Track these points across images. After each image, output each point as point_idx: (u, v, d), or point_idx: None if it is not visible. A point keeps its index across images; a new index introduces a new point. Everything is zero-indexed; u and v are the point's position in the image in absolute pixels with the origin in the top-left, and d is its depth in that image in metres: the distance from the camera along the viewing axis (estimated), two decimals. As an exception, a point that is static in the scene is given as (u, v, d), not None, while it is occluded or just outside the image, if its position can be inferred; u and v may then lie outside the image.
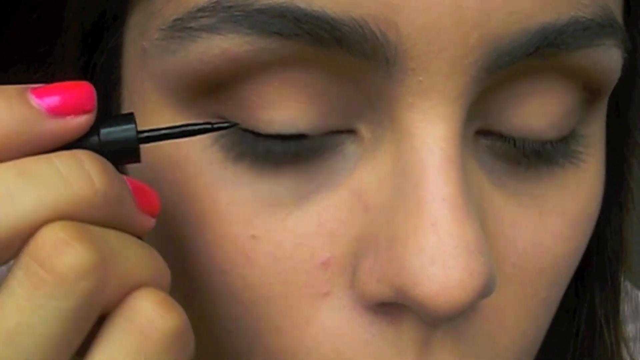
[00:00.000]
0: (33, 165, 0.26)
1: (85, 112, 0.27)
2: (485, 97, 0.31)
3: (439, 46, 0.28)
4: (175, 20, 0.30)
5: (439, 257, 0.28)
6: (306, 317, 0.31)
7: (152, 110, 0.32)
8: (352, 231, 0.30)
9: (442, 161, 0.29)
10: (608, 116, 0.37)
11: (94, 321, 0.26)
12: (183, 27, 0.29)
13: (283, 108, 0.29)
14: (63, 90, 0.27)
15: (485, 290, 0.29)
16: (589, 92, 0.33)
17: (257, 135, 0.30)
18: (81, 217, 0.26)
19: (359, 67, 0.29)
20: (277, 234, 0.30)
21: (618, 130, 0.38)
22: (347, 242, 0.30)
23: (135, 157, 0.29)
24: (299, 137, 0.30)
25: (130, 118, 0.29)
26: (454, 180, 0.29)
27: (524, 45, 0.29)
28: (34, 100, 0.26)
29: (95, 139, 0.28)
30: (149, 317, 0.27)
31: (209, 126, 0.30)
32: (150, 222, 0.29)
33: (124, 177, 0.29)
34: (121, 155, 0.28)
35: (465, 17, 0.28)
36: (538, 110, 0.32)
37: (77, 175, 0.26)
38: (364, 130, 0.31)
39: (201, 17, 0.29)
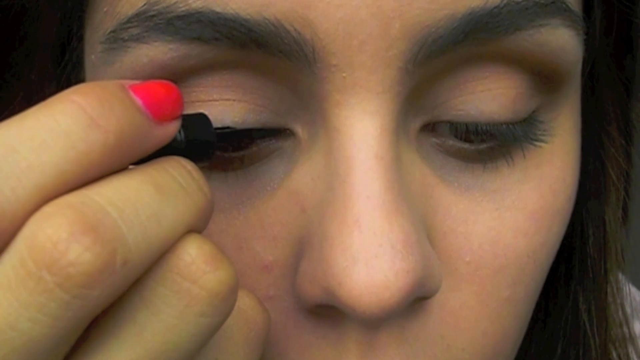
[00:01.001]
0: (160, 178, 0.25)
1: (177, 117, 0.27)
2: (424, 90, 0.30)
3: (359, 40, 0.28)
4: (110, 32, 0.30)
5: (362, 256, 0.27)
6: None
7: None
8: (292, 233, 0.30)
9: (369, 158, 0.28)
10: (583, 101, 0.35)
11: None
12: (116, 39, 0.30)
13: (210, 106, 0.29)
14: (161, 94, 0.26)
15: (419, 290, 0.28)
16: (542, 75, 0.31)
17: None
18: (200, 228, 0.26)
19: (283, 66, 0.29)
20: (220, 239, 0.30)
21: (594, 116, 0.37)
22: (288, 245, 0.30)
23: (209, 158, 0.29)
24: (236, 139, 0.30)
25: (205, 119, 0.29)
26: (381, 177, 0.28)
27: (452, 32, 0.28)
28: (140, 104, 0.25)
29: (178, 142, 0.27)
30: (253, 313, 0.27)
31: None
32: None
33: None
34: (199, 156, 0.28)
35: (385, 8, 0.27)
36: (486, 95, 0.30)
37: (195, 187, 0.26)
38: (300, 130, 0.30)
39: (129, 27, 0.29)
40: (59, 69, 0.36)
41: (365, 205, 0.28)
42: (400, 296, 0.27)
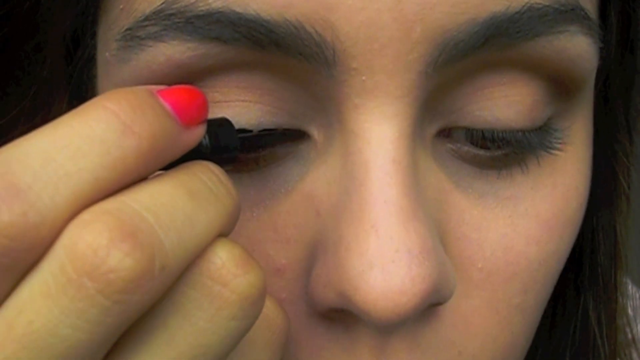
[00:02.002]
0: (191, 183, 0.25)
1: (203, 121, 0.27)
2: (442, 95, 0.30)
3: (380, 43, 0.27)
4: (126, 30, 0.30)
5: (379, 261, 0.27)
6: None
7: None
8: (306, 236, 0.30)
9: (386, 162, 0.28)
10: (596, 110, 0.35)
11: None
12: (132, 37, 0.30)
13: (227, 107, 0.29)
14: (188, 99, 0.26)
15: (434, 296, 0.28)
16: (559, 82, 0.31)
17: None
18: (229, 231, 0.26)
19: (302, 68, 0.28)
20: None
21: (606, 124, 0.37)
22: (302, 248, 0.30)
23: (232, 160, 0.29)
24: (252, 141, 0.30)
25: (228, 123, 0.29)
26: (399, 182, 0.28)
27: (473, 37, 0.28)
28: (169, 109, 0.25)
29: (203, 146, 0.27)
30: (274, 315, 0.27)
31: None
32: None
33: None
34: (223, 160, 0.28)
35: (406, 11, 0.27)
36: (504, 101, 0.30)
37: (224, 191, 0.26)
38: (316, 133, 0.30)
39: (147, 25, 0.29)
40: (71, 66, 0.36)
41: (382, 210, 0.27)
42: (416, 302, 0.27)
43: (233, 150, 0.28)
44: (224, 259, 0.24)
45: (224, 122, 0.28)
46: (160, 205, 0.24)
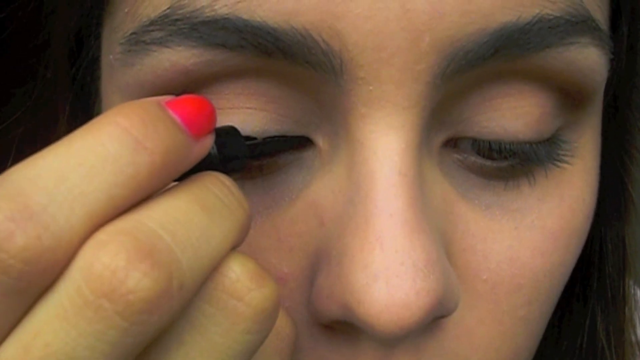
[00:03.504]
0: (204, 197, 0.25)
1: (211, 131, 0.26)
2: (450, 105, 0.29)
3: (388, 53, 0.27)
4: (131, 34, 0.30)
5: (383, 274, 0.27)
6: None
7: None
8: (309, 245, 0.30)
9: (392, 174, 0.28)
10: (605, 121, 0.34)
11: None
12: (137, 41, 0.29)
13: (232, 113, 0.29)
14: (196, 110, 0.26)
15: (438, 309, 0.28)
16: (568, 94, 0.31)
17: None
18: (241, 243, 0.26)
19: (309, 77, 0.28)
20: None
21: (616, 136, 0.36)
22: (305, 257, 0.30)
23: (241, 169, 0.28)
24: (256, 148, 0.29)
25: (236, 132, 0.28)
26: (405, 194, 0.27)
27: (482, 47, 0.27)
28: (179, 122, 0.25)
29: (213, 157, 0.27)
30: (282, 324, 0.27)
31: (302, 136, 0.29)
32: None
33: None
34: (232, 169, 0.28)
35: (415, 21, 0.27)
36: (512, 112, 0.30)
37: (236, 204, 0.25)
38: (321, 141, 0.30)
39: (152, 30, 0.29)
40: (74, 67, 0.36)
41: (387, 223, 0.27)
42: (420, 315, 0.27)
43: (242, 158, 0.28)
44: (238, 273, 0.24)
45: (231, 131, 0.28)
46: (175, 222, 0.23)
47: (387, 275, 0.27)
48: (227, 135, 0.28)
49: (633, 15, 0.34)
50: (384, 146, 0.28)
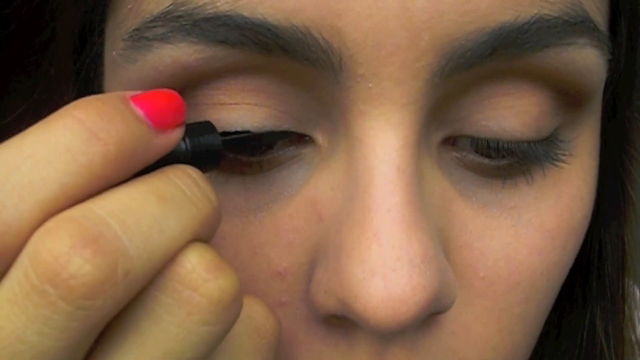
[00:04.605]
0: (163, 187, 0.25)
1: (180, 125, 0.27)
2: (448, 103, 0.30)
3: (387, 51, 0.27)
4: (133, 30, 0.30)
5: (380, 269, 0.27)
6: None
7: None
8: (308, 241, 0.30)
9: (391, 170, 0.28)
10: (604, 121, 0.35)
11: None
12: (140, 37, 0.30)
13: (231, 109, 0.29)
14: (162, 103, 0.26)
15: (434, 305, 0.28)
16: (567, 95, 0.31)
17: None
18: (205, 236, 0.26)
19: (308, 74, 0.28)
20: (235, 243, 0.30)
21: (615, 136, 0.36)
22: (303, 252, 0.30)
23: (216, 164, 0.28)
24: (256, 146, 0.30)
25: (210, 126, 0.28)
26: (402, 190, 0.28)
27: (481, 46, 0.28)
28: (141, 114, 0.26)
29: (182, 149, 0.27)
30: (263, 320, 0.27)
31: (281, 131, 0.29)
32: None
33: None
34: (205, 163, 0.28)
35: (414, 20, 0.27)
36: (510, 111, 0.30)
37: (200, 195, 0.26)
38: (320, 138, 0.30)
39: (154, 27, 0.29)
40: (78, 63, 0.36)
41: (384, 219, 0.27)
42: (417, 311, 0.27)
43: (215, 153, 0.28)
44: (194, 263, 0.24)
45: (206, 125, 0.28)
46: (126, 211, 0.24)
47: (384, 271, 0.27)
48: (200, 130, 0.28)
49: (632, 17, 0.34)
50: (383, 143, 0.28)
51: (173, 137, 0.26)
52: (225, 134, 0.29)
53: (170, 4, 0.28)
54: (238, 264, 0.30)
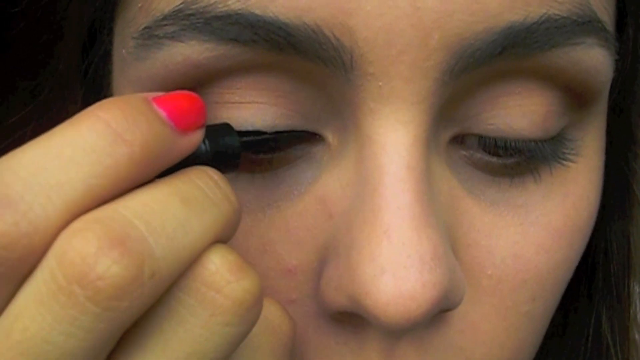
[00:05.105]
0: (186, 189, 0.25)
1: (200, 127, 0.27)
2: (457, 102, 0.30)
3: (397, 50, 0.27)
4: (144, 28, 0.30)
5: (390, 266, 0.27)
6: None
7: None
8: (318, 238, 0.30)
9: (401, 168, 0.28)
10: (610, 121, 0.35)
11: None
12: (150, 35, 0.30)
13: (242, 108, 0.29)
14: (184, 105, 0.26)
15: (444, 302, 0.28)
16: (574, 94, 0.31)
17: None
18: (227, 237, 0.26)
19: (319, 72, 0.28)
20: (245, 241, 0.30)
21: (621, 135, 0.37)
22: (313, 249, 0.30)
23: (235, 166, 0.29)
24: (263, 141, 0.30)
25: (229, 128, 0.29)
26: (412, 188, 0.28)
27: (490, 46, 0.28)
28: (164, 115, 0.26)
29: (202, 151, 0.27)
30: (279, 322, 0.28)
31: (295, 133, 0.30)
32: None
33: None
34: (225, 165, 0.28)
35: (424, 19, 0.27)
36: (518, 110, 0.30)
37: (221, 197, 0.26)
38: (330, 136, 0.30)
39: (165, 25, 0.29)
40: (86, 61, 0.36)
41: (395, 216, 0.28)
42: (427, 308, 0.27)
43: (235, 155, 0.28)
44: (217, 265, 0.25)
45: (225, 127, 0.28)
46: (151, 212, 0.24)
47: (395, 268, 0.27)
48: (220, 132, 0.28)
49: (638, 17, 0.34)
50: (393, 141, 0.28)
51: (194, 139, 0.26)
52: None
53: (182, 3, 0.29)
54: (248, 261, 0.30)
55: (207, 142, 0.27)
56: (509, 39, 0.28)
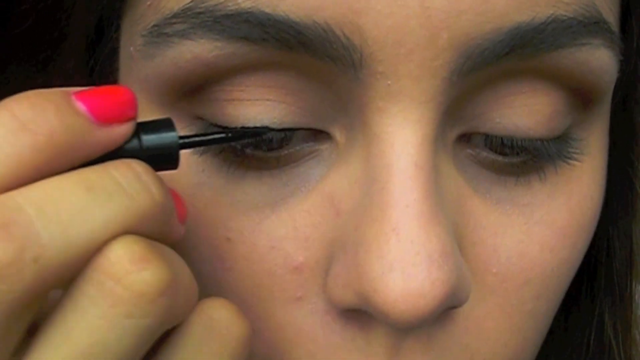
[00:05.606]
0: (96, 178, 0.25)
1: (128, 119, 0.27)
2: (465, 101, 0.30)
3: (406, 49, 0.28)
4: (153, 26, 0.30)
5: (399, 264, 0.27)
6: (280, 320, 0.31)
7: (140, 113, 0.33)
8: (325, 236, 0.30)
9: (409, 166, 0.28)
10: (614, 121, 0.35)
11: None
12: (159, 33, 0.30)
13: (251, 105, 0.30)
14: (107, 97, 0.26)
15: (451, 300, 0.28)
16: (579, 94, 0.31)
17: (225, 130, 0.30)
18: (144, 230, 0.26)
19: (328, 70, 0.29)
20: (252, 238, 0.31)
21: (624, 135, 0.37)
22: (320, 247, 0.30)
23: (173, 164, 0.28)
24: (274, 141, 0.30)
25: (169, 124, 0.28)
26: (420, 186, 0.28)
27: (498, 46, 0.28)
28: (81, 108, 0.26)
29: (135, 145, 0.27)
30: (227, 325, 0.27)
31: (243, 132, 0.30)
32: (183, 230, 0.29)
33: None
34: (160, 162, 0.28)
35: (433, 19, 0.27)
36: (524, 110, 0.31)
37: (138, 188, 0.25)
38: (338, 134, 0.30)
39: (174, 23, 0.29)
40: (93, 59, 0.36)
41: (403, 214, 0.28)
42: (435, 305, 0.27)
43: (171, 152, 0.28)
44: (119, 254, 0.24)
45: (164, 123, 0.28)
46: (47, 199, 0.24)
47: (403, 265, 0.27)
48: (157, 128, 0.28)
49: None
50: (401, 139, 0.28)
51: (119, 132, 0.26)
52: (244, 129, 0.30)
53: (191, 1, 0.29)
54: (255, 258, 0.31)
55: (141, 137, 0.27)
56: (516, 39, 0.28)
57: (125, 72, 0.34)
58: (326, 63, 0.28)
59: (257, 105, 0.30)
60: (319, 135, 0.31)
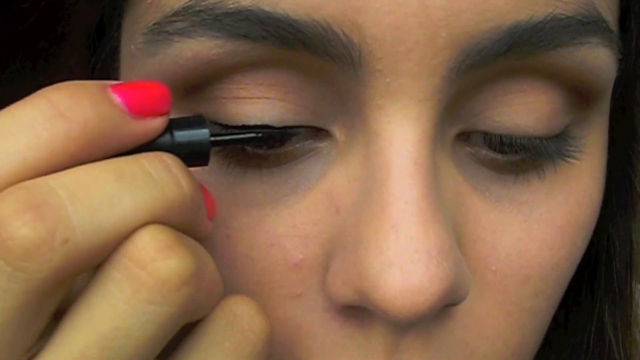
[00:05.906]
0: (127, 167, 0.26)
1: (162, 114, 0.27)
2: (463, 99, 0.30)
3: (406, 47, 0.28)
4: (154, 24, 0.30)
5: (398, 260, 0.28)
6: (280, 317, 0.31)
7: None
8: (324, 233, 0.30)
9: (408, 164, 0.28)
10: (613, 120, 0.35)
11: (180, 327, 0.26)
12: (160, 31, 0.30)
13: (251, 103, 0.30)
14: (143, 91, 0.27)
15: (450, 297, 0.29)
16: (578, 93, 0.32)
17: (226, 128, 0.30)
18: (171, 221, 0.26)
19: (328, 68, 0.29)
20: (252, 235, 0.31)
21: (623, 134, 0.37)
22: (319, 244, 0.30)
23: (204, 160, 0.29)
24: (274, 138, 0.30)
25: (201, 121, 0.29)
26: (419, 184, 0.28)
27: (496, 44, 0.28)
28: (117, 99, 0.26)
29: (167, 140, 0.28)
30: (250, 321, 0.28)
31: (271, 132, 0.30)
32: (211, 227, 0.29)
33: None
34: (191, 158, 0.28)
35: (433, 17, 0.28)
36: (523, 108, 0.31)
37: (168, 179, 0.26)
38: (337, 132, 0.31)
39: (175, 21, 0.29)
40: (94, 58, 0.36)
41: (402, 211, 0.28)
42: (434, 301, 0.28)
43: (203, 148, 0.28)
44: (145, 242, 0.25)
45: (197, 120, 0.29)
46: (79, 184, 0.25)
47: (402, 262, 0.27)
48: (190, 124, 0.28)
49: None
50: (400, 137, 0.29)
51: (152, 126, 0.27)
52: (244, 127, 0.30)
53: None
54: (255, 256, 0.31)
55: (174, 132, 0.28)
56: (515, 37, 0.28)
57: (126, 70, 0.34)
58: (326, 61, 0.28)
59: (257, 103, 0.30)
60: (318, 133, 0.31)
